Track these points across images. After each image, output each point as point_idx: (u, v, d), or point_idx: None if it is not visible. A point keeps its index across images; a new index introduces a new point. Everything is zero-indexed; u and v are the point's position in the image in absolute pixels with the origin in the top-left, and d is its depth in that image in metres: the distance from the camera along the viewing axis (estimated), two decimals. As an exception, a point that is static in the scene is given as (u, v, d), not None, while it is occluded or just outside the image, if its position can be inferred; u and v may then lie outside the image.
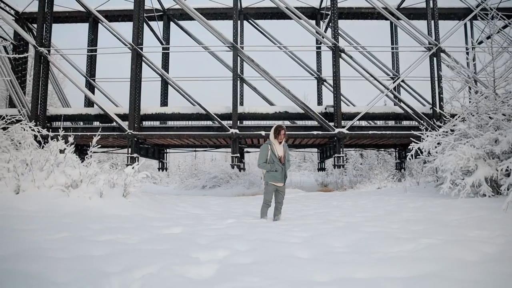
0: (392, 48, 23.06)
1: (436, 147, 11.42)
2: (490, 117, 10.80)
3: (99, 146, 9.07)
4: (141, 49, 17.45)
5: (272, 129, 6.12)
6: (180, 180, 34.45)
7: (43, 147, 9.07)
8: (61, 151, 7.66)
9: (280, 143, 6.08)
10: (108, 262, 2.58)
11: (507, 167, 8.24)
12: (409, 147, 11.62)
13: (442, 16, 21.79)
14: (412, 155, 11.50)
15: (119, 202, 6.07)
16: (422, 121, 16.98)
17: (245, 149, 22.63)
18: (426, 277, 2.24)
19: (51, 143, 7.40)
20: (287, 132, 17.64)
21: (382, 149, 25.86)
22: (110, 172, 6.65)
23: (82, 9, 19.19)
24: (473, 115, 11.39)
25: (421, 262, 2.59)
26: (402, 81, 22.04)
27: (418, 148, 11.46)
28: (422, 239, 3.40)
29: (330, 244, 3.46)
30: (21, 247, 3.00)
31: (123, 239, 3.52)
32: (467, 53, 19.13)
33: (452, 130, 11.80)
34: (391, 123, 20.50)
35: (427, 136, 11.63)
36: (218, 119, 17.19)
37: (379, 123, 20.69)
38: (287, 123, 19.69)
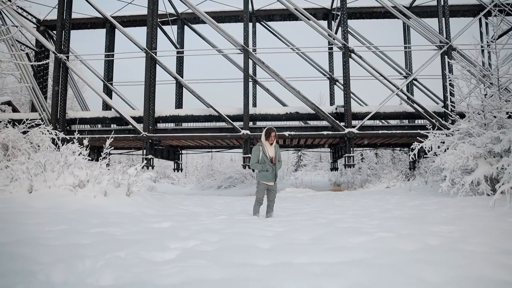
0: (405, 47, 23.01)
1: (440, 146, 11.54)
2: (494, 116, 10.85)
3: (112, 148, 9.66)
4: (155, 53, 18.06)
5: (263, 131, 6.48)
6: (197, 181, 35.21)
7: (59, 149, 9.72)
8: (79, 153, 8.24)
9: (271, 144, 6.43)
10: (89, 248, 3.04)
11: (502, 165, 8.36)
12: (411, 146, 11.77)
13: (456, 13, 21.68)
14: (415, 154, 11.65)
15: (122, 200, 6.56)
16: (434, 120, 17.01)
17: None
18: (349, 263, 2.58)
19: (68, 146, 8.01)
20: (298, 133, 17.99)
21: (398, 149, 25.82)
22: (115, 172, 7.15)
23: (99, 15, 19.99)
24: (479, 114, 11.45)
25: (358, 251, 2.91)
26: (416, 80, 22.01)
27: (422, 147, 11.61)
28: (380, 233, 3.70)
29: (296, 237, 3.81)
30: (23, 236, 3.50)
31: (112, 231, 3.98)
32: (482, 51, 18.99)
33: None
34: (406, 122, 20.56)
35: (433, 135, 11.76)
36: (230, 120, 17.62)
37: (395, 122, 20.68)
38: (298, 123, 19.99)
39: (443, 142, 11.57)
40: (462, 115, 12.71)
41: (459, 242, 3.30)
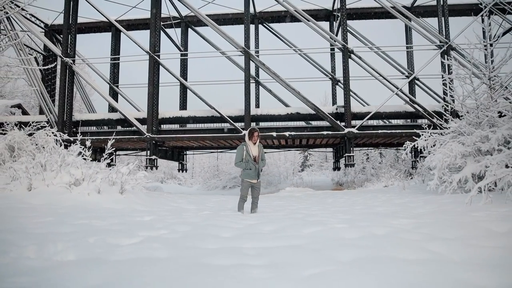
0: (407, 47, 23.14)
1: (435, 144, 11.77)
2: (486, 115, 11.04)
3: (114, 148, 10.12)
4: (158, 56, 18.53)
5: (247, 132, 6.83)
6: (203, 181, 35.64)
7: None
8: (79, 154, 8.71)
9: (254, 143, 6.77)
10: (67, 235, 3.43)
11: (486, 163, 8.56)
12: (404, 145, 12.01)
13: (458, 13, 21.76)
14: (407, 153, 11.90)
15: (115, 197, 6.98)
16: (434, 119, 17.13)
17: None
18: (283, 247, 2.93)
19: (71, 147, 8.49)
20: (298, 133, 18.23)
21: (403, 148, 25.88)
22: (110, 171, 7.56)
23: (105, 19, 20.55)
24: (473, 113, 11.64)
25: (302, 238, 3.25)
26: (418, 79, 22.15)
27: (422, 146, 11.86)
28: (336, 225, 4.03)
29: (262, 229, 4.15)
30: (13, 226, 3.92)
31: (94, 223, 4.37)
32: (485, 50, 19.01)
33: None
34: (409, 121, 20.69)
35: (428, 134, 12.00)
36: (231, 121, 17.99)
37: (400, 122, 20.78)
38: (303, 123, 20.25)
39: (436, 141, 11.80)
40: (458, 115, 12.89)
41: (403, 232, 3.60)
